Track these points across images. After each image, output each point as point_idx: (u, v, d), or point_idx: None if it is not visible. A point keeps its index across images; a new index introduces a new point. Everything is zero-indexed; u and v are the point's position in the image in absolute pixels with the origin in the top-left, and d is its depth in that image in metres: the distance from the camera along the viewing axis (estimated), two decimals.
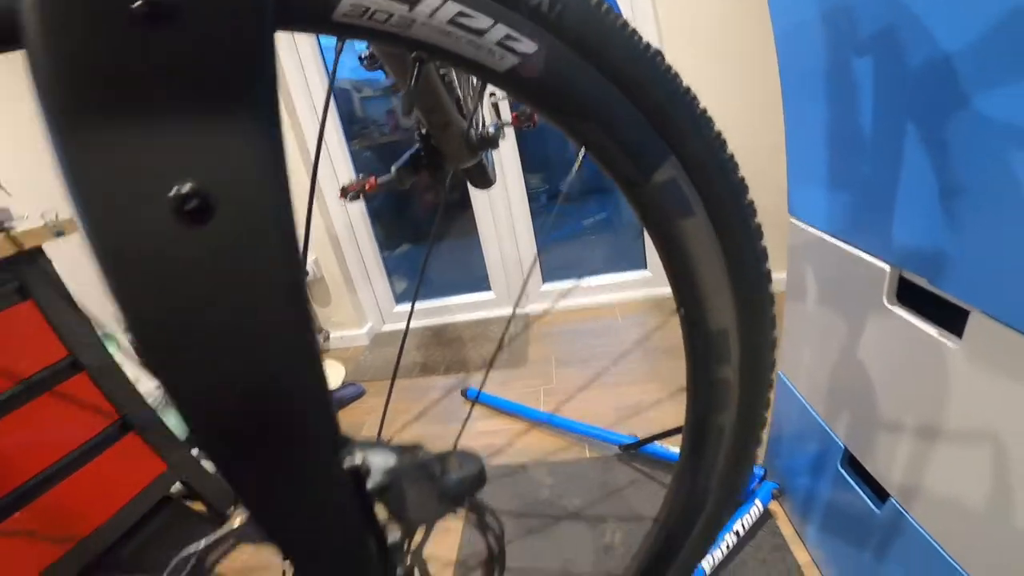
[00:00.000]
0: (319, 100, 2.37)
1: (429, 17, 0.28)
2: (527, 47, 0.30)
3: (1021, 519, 0.57)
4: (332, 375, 2.25)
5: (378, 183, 0.92)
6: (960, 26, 0.54)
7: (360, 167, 2.67)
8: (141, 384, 1.74)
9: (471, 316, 2.76)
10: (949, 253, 0.62)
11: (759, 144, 1.41)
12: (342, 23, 0.27)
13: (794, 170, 0.99)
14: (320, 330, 2.69)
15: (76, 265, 1.29)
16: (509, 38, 0.30)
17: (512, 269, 2.67)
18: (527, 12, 0.30)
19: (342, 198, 0.97)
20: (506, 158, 2.43)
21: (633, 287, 2.60)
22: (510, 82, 0.32)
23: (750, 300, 0.42)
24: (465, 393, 1.96)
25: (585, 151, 0.37)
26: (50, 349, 1.15)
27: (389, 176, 0.87)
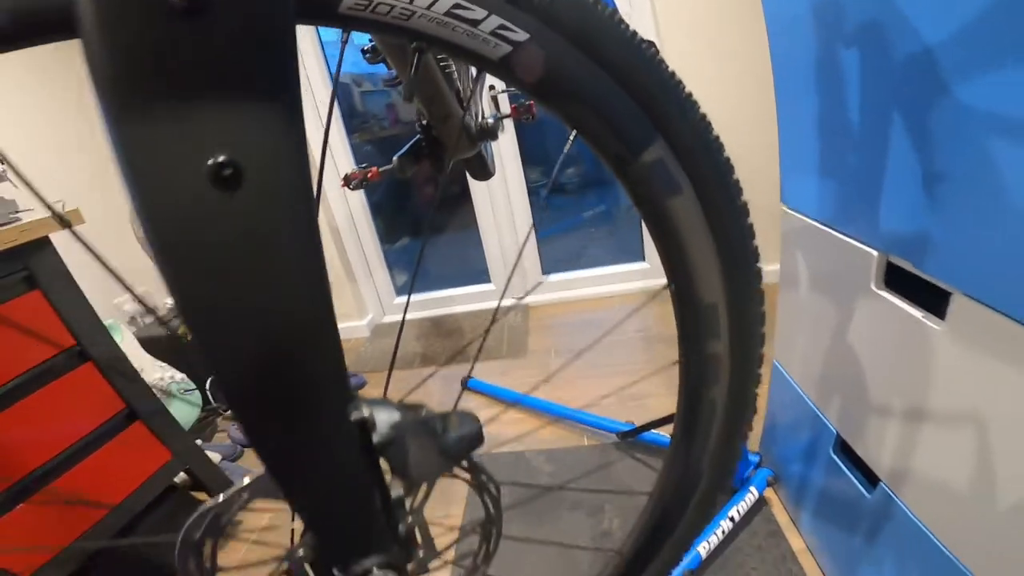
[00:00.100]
0: (318, 93, 2.39)
1: (428, 9, 0.30)
2: (519, 36, 0.32)
3: (1004, 499, 0.59)
4: None
5: (380, 172, 0.94)
6: (941, 19, 0.56)
7: (360, 160, 2.67)
8: (146, 374, 1.76)
9: (471, 307, 2.77)
10: (932, 237, 0.64)
11: (757, 143, 1.43)
12: (347, 15, 0.29)
13: (786, 160, 1.00)
14: None
15: (82, 256, 1.31)
16: (503, 27, 0.32)
17: (511, 261, 2.69)
18: (519, 3, 0.31)
19: (345, 186, 0.99)
20: (506, 152, 2.44)
21: (631, 278, 2.62)
22: (504, 69, 0.34)
23: (738, 276, 0.44)
24: (465, 383, 1.98)
25: (576, 133, 0.39)
26: (57, 338, 1.16)
27: (391, 165, 0.89)
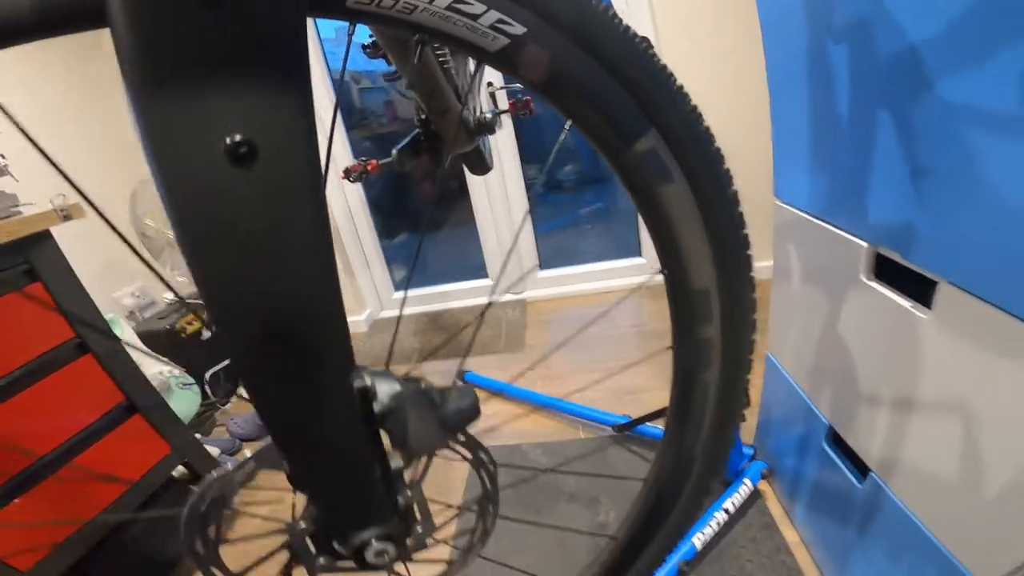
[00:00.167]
0: (317, 90, 2.39)
1: (430, 3, 0.31)
2: (517, 29, 0.34)
3: (989, 487, 0.60)
4: None
5: (379, 165, 0.95)
6: (924, 18, 0.58)
7: (359, 156, 2.69)
8: (144, 368, 1.77)
9: (468, 302, 2.79)
10: (918, 228, 0.65)
11: (753, 140, 1.43)
12: (355, 9, 0.31)
13: (779, 155, 1.02)
14: None
15: (83, 249, 1.32)
16: (501, 21, 0.33)
17: (510, 261, 2.71)
18: None
19: (345, 179, 1.00)
20: (504, 149, 2.45)
21: (628, 274, 2.63)
22: (502, 60, 0.36)
23: (729, 262, 0.46)
24: (463, 377, 1.99)
25: (571, 123, 0.40)
26: (57, 331, 1.16)
27: (390, 158, 0.90)
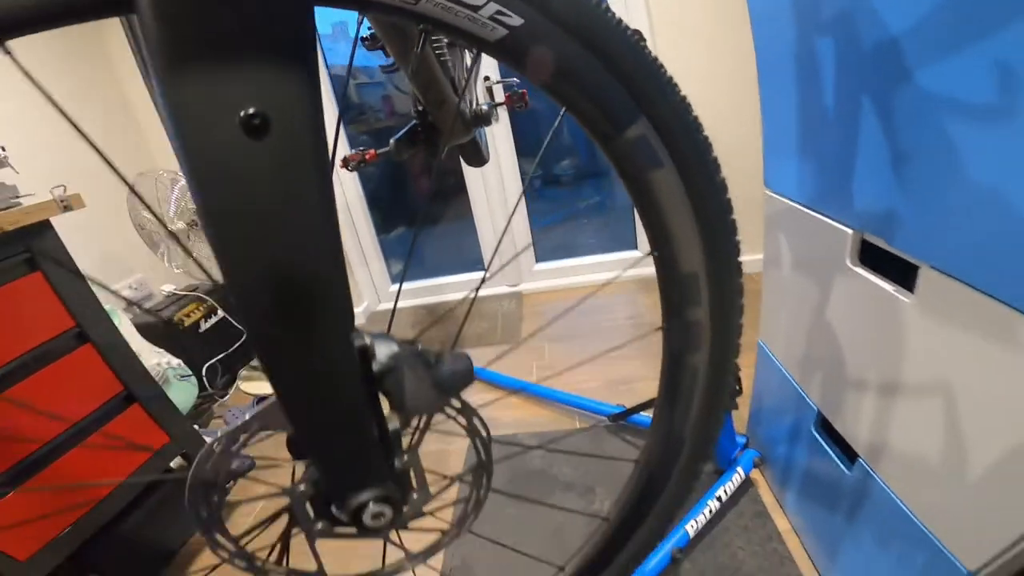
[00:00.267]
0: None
1: None
2: (514, 21, 0.35)
3: (973, 470, 0.61)
4: None
5: (377, 154, 0.96)
6: (904, 10, 0.60)
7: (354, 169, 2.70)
8: (143, 360, 1.78)
9: (465, 295, 2.81)
10: (900, 214, 0.67)
11: (748, 134, 1.45)
12: None
13: (769, 146, 1.04)
14: None
15: (82, 243, 1.32)
16: (500, 13, 0.35)
17: (505, 250, 2.73)
18: None
19: (344, 167, 1.02)
20: (500, 143, 2.47)
21: (623, 266, 2.65)
22: (500, 50, 0.37)
23: (717, 246, 0.48)
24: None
25: (565, 109, 0.42)
26: (57, 320, 1.17)
27: (388, 148, 0.91)
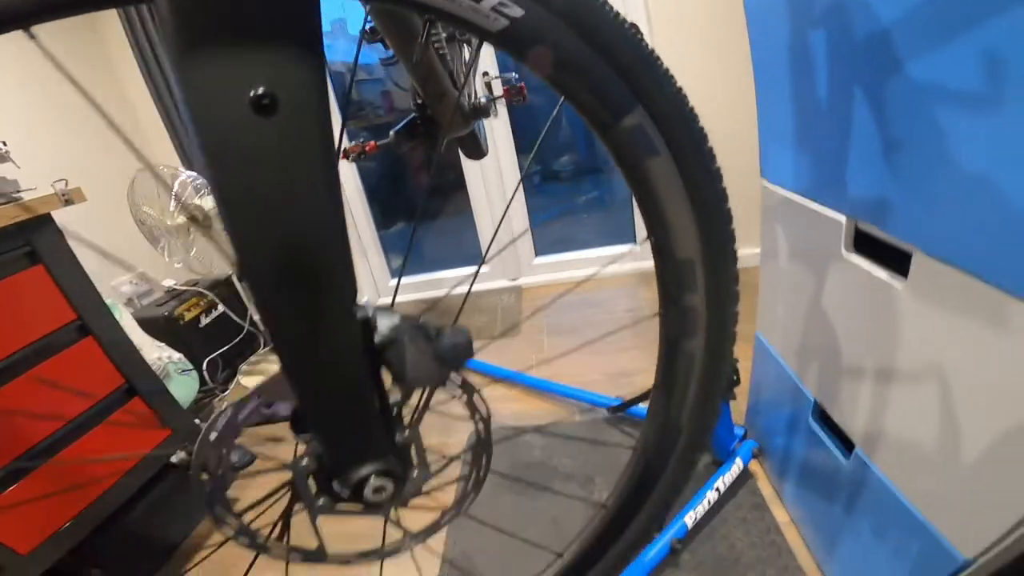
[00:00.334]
0: None
1: None
2: (515, 12, 0.36)
3: (968, 456, 0.62)
4: None
5: (377, 145, 0.97)
6: (893, 1, 0.61)
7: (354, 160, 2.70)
8: (144, 354, 1.78)
9: (465, 288, 2.79)
10: (893, 201, 0.68)
11: (744, 139, 1.45)
12: None
13: (765, 137, 1.05)
14: None
15: (85, 236, 1.33)
16: (501, 4, 0.36)
17: (504, 243, 2.72)
18: None
19: (344, 158, 1.02)
20: (500, 139, 2.48)
21: (622, 260, 2.66)
22: (501, 40, 0.38)
23: (713, 233, 0.48)
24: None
25: (564, 98, 0.43)
26: (59, 312, 1.17)
27: (387, 139, 0.92)
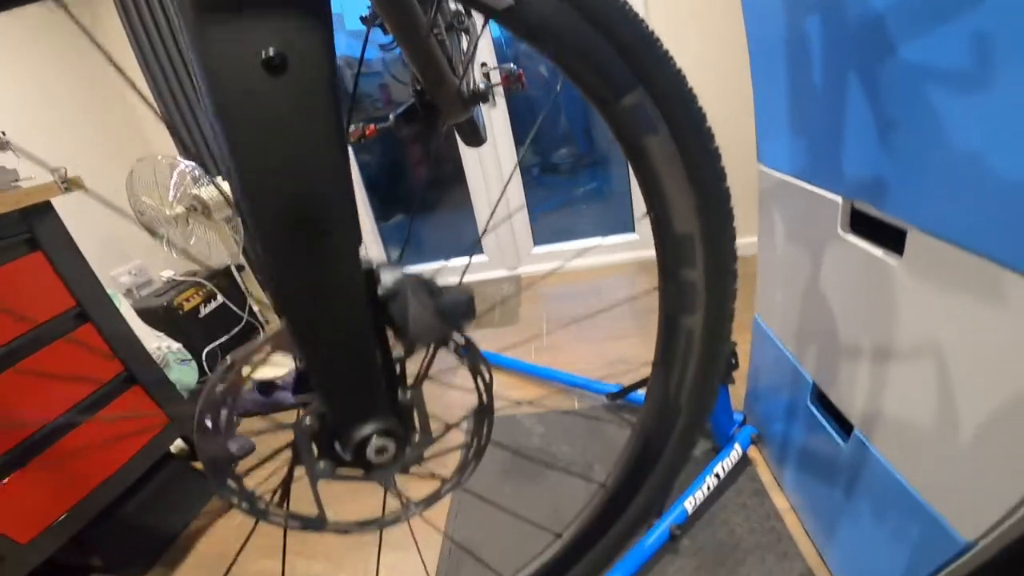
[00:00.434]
0: None
1: None
2: None
3: (966, 433, 0.62)
4: None
5: (377, 129, 0.97)
6: None
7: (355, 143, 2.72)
8: (143, 342, 1.78)
9: (465, 278, 2.79)
10: (888, 180, 0.69)
11: (742, 135, 1.46)
12: None
13: (761, 122, 1.05)
14: None
15: (81, 229, 1.33)
16: None
17: (503, 233, 2.74)
18: None
19: None
20: (499, 130, 2.49)
21: (622, 250, 2.67)
22: (507, 18, 0.39)
23: (711, 210, 0.49)
24: (459, 351, 2.00)
25: (566, 76, 0.44)
26: (58, 299, 1.17)
27: (387, 123, 0.92)
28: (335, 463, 0.44)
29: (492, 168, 2.56)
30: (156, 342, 1.91)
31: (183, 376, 1.93)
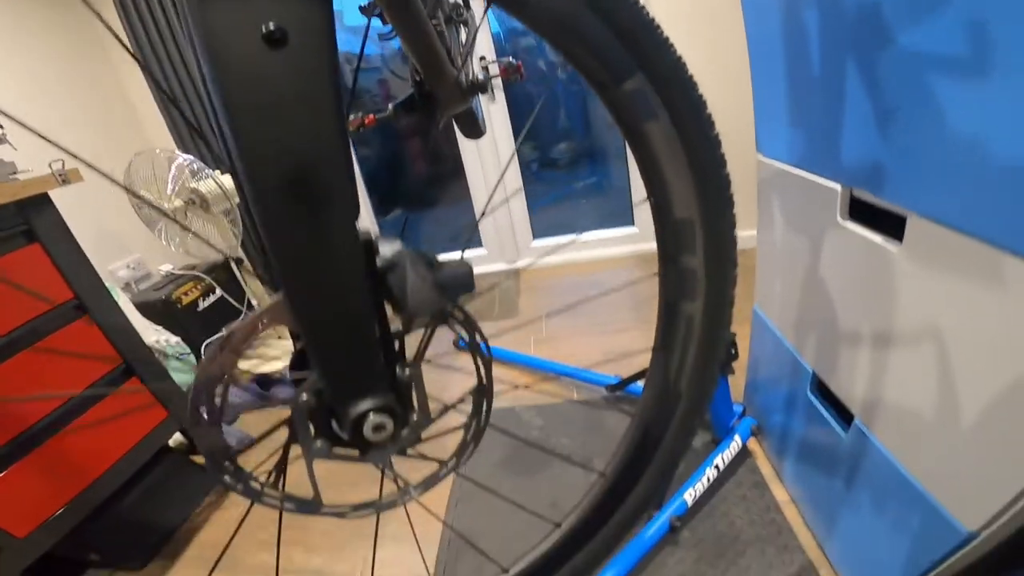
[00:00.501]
0: None
1: None
2: None
3: (967, 419, 0.62)
4: None
5: (376, 119, 0.97)
6: None
7: (354, 138, 2.71)
8: (142, 336, 1.78)
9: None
10: (887, 167, 0.69)
11: (741, 133, 1.46)
12: None
13: (760, 112, 1.05)
14: None
15: (79, 223, 1.32)
16: None
17: (503, 227, 2.74)
18: None
19: None
20: (498, 125, 2.49)
21: (621, 243, 2.68)
22: (508, 2, 0.39)
23: (710, 196, 0.49)
24: (457, 343, 2.01)
25: (567, 60, 0.44)
26: (56, 291, 1.17)
27: (386, 113, 0.92)
28: (331, 442, 0.43)
29: (491, 162, 2.56)
30: (154, 336, 1.90)
31: (181, 372, 1.92)
